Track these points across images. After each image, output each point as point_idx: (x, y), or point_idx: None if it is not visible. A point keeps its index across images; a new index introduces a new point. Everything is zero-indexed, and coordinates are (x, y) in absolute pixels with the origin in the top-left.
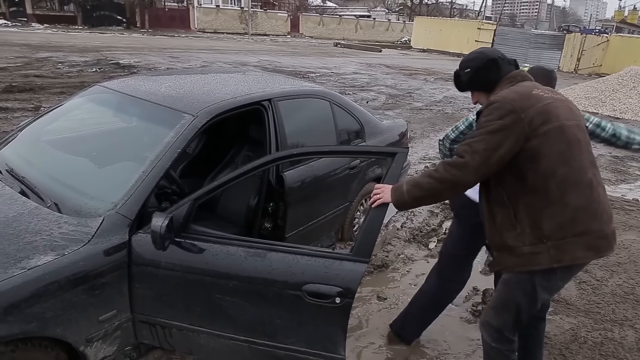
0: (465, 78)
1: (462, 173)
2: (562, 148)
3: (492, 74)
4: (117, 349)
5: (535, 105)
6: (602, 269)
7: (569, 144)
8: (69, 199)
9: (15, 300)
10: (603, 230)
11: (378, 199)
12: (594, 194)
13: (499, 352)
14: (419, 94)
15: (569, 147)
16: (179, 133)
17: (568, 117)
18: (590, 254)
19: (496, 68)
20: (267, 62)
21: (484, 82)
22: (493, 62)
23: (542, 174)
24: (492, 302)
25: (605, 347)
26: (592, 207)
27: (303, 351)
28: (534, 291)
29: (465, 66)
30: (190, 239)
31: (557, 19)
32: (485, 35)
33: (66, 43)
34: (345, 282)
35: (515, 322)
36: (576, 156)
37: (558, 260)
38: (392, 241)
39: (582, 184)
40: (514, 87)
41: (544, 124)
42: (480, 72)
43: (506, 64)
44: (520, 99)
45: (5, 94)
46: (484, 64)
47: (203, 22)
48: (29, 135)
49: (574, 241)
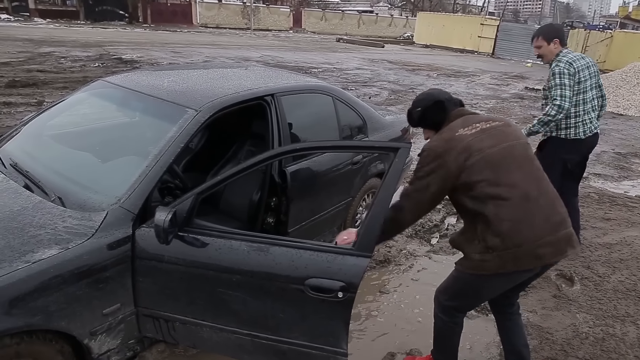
0: (416, 116)
1: (402, 214)
2: (489, 174)
3: (438, 115)
4: (120, 342)
5: (457, 146)
6: (605, 265)
7: (496, 168)
8: (73, 193)
9: (20, 294)
10: (544, 238)
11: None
12: (530, 205)
13: (443, 322)
14: (421, 89)
15: (497, 170)
16: (182, 128)
17: (496, 143)
18: (533, 262)
19: (442, 110)
20: (269, 57)
21: (432, 122)
22: (439, 104)
23: (478, 198)
24: (445, 282)
25: (607, 343)
26: (529, 219)
27: (306, 345)
28: (479, 290)
29: (417, 105)
30: (194, 233)
31: (560, 15)
32: (488, 31)
33: (69, 38)
34: (348, 277)
35: (460, 306)
36: (507, 176)
37: (502, 267)
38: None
39: (515, 199)
40: (441, 134)
41: (467, 159)
42: (428, 113)
43: (452, 105)
44: (444, 144)
45: (9, 88)
46: (431, 105)
47: (205, 17)
48: (32, 129)
49: (515, 252)
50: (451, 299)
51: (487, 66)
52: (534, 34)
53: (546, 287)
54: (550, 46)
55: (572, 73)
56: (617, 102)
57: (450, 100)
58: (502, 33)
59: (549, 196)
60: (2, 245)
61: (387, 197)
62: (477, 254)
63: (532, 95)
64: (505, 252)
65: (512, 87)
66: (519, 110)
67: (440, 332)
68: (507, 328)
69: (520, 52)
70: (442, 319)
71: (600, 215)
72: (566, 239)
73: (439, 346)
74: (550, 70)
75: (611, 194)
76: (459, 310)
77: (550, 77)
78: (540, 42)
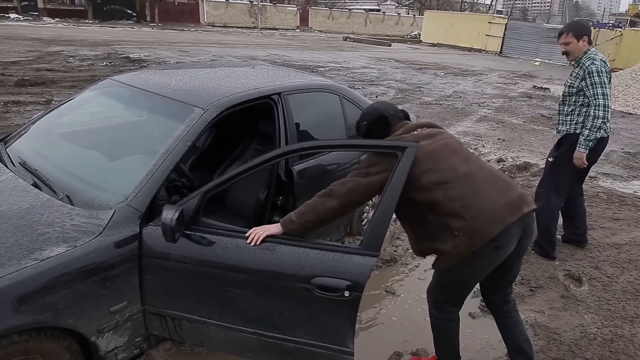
0: (363, 129)
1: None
2: (431, 164)
3: (382, 129)
4: (127, 340)
5: None
6: (613, 265)
7: (436, 158)
8: (80, 192)
9: (28, 291)
10: (498, 202)
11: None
12: (474, 180)
13: (436, 318)
14: (428, 88)
15: (437, 160)
16: (189, 126)
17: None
18: (497, 226)
19: (386, 124)
20: (276, 56)
21: (377, 135)
22: (383, 119)
23: (426, 188)
24: (432, 281)
25: (616, 344)
26: (476, 190)
27: (312, 344)
28: (464, 278)
29: (364, 119)
30: (201, 232)
31: (569, 13)
32: (496, 30)
33: (77, 37)
34: (354, 276)
35: (450, 299)
36: (446, 162)
37: (473, 243)
38: (400, 236)
39: (459, 179)
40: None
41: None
42: (372, 127)
43: (395, 119)
44: None
45: (18, 87)
46: (375, 120)
47: (212, 16)
48: (41, 128)
49: (476, 223)
50: (441, 294)
51: (495, 65)
52: (563, 29)
53: (554, 287)
54: (579, 43)
55: (608, 71)
56: (627, 101)
57: (394, 115)
58: (510, 31)
59: (488, 169)
60: (11, 242)
61: (394, 196)
62: (449, 245)
63: (540, 94)
64: (468, 228)
65: (520, 85)
66: (526, 109)
67: (437, 329)
68: (506, 326)
69: (529, 51)
70: (436, 315)
71: (609, 215)
72: (519, 198)
73: (438, 344)
74: (581, 69)
75: (620, 193)
76: (451, 304)
77: (586, 76)
78: (570, 38)
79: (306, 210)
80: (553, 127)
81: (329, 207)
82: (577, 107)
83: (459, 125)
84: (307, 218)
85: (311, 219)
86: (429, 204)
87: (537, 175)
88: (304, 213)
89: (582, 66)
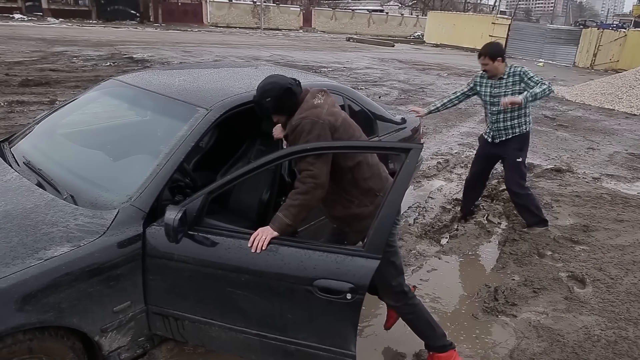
0: (270, 106)
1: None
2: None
3: (291, 100)
4: (131, 340)
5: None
6: (617, 267)
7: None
8: (84, 191)
9: (32, 290)
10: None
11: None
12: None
13: (407, 307)
14: (431, 89)
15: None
16: (193, 126)
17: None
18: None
19: (292, 94)
20: (279, 57)
21: (289, 107)
22: (289, 91)
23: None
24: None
25: (619, 346)
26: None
27: (313, 346)
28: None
29: (267, 95)
30: (204, 232)
31: (573, 14)
32: (499, 30)
33: (81, 37)
34: (357, 279)
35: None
36: (354, 130)
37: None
38: (403, 237)
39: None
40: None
41: (336, 120)
42: (281, 101)
43: (297, 87)
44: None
45: (22, 87)
46: (281, 93)
47: (216, 17)
48: (45, 128)
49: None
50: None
51: None
52: (480, 53)
53: (557, 288)
54: (494, 64)
55: None
56: (631, 102)
57: (294, 83)
58: (514, 32)
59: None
60: (16, 242)
61: (397, 198)
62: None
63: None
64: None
65: None
66: (531, 109)
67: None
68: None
69: (532, 52)
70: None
71: (613, 216)
72: None
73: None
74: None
75: (624, 195)
76: (404, 282)
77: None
78: (487, 60)
79: (298, 210)
80: (556, 127)
81: (318, 197)
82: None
83: (463, 125)
84: (301, 217)
85: (304, 216)
86: (354, 168)
87: (541, 177)
88: (297, 213)
89: (514, 75)
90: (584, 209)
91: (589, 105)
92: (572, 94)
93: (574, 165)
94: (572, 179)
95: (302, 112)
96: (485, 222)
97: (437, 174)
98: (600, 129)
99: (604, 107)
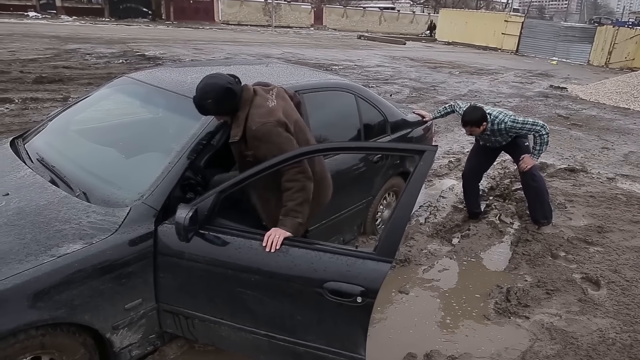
0: (210, 107)
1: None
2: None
3: (232, 101)
4: (141, 337)
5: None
6: (633, 269)
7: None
8: (97, 189)
9: (45, 287)
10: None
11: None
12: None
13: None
14: (443, 87)
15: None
16: (205, 124)
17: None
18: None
19: (233, 94)
20: (290, 55)
21: (229, 109)
22: (229, 91)
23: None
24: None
25: (635, 350)
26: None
27: (322, 349)
28: None
29: (207, 97)
30: (215, 232)
31: (588, 11)
32: (512, 28)
33: (94, 35)
34: (368, 282)
35: None
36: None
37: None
38: (415, 236)
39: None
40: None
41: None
42: (221, 102)
43: (238, 86)
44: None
45: (36, 84)
46: (221, 94)
47: (227, 14)
48: (58, 125)
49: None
50: None
51: (511, 64)
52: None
53: (571, 290)
54: (480, 129)
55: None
56: None
57: (235, 82)
58: (527, 30)
59: None
60: (29, 239)
61: (411, 201)
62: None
63: (557, 93)
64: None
65: (537, 85)
66: (543, 108)
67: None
68: None
69: (546, 50)
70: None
71: (629, 217)
72: None
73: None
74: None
75: (631, 194)
76: None
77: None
78: (473, 129)
79: (303, 207)
80: (570, 127)
81: (311, 189)
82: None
83: None
84: (307, 213)
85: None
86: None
87: (554, 177)
88: (303, 210)
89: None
90: (599, 210)
91: (603, 104)
92: (587, 93)
93: (588, 165)
94: (586, 179)
95: (261, 117)
96: (497, 222)
97: (448, 173)
98: (615, 128)
99: (619, 106)
